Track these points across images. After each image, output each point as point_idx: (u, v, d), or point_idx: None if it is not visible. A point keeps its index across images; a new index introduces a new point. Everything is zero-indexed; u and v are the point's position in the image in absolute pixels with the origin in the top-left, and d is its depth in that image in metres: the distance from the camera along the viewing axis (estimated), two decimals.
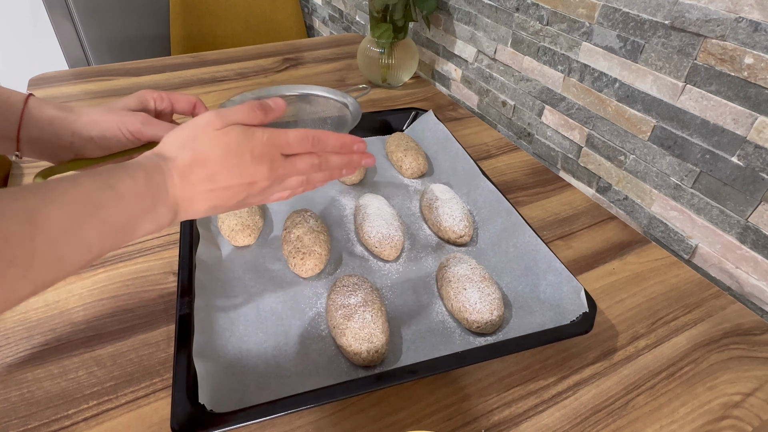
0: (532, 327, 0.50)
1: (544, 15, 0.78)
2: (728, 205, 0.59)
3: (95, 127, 0.43)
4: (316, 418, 0.44)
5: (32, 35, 1.84)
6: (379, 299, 0.50)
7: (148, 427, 0.42)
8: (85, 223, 0.31)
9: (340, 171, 0.43)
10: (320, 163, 0.41)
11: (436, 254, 0.61)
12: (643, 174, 0.69)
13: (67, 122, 0.43)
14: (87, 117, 0.44)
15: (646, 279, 0.60)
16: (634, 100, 0.67)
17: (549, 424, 0.44)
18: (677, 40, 0.60)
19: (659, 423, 0.45)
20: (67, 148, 0.44)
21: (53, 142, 0.43)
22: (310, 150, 0.40)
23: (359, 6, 1.37)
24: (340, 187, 0.72)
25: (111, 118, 0.44)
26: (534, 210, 0.70)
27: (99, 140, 0.44)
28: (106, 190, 0.32)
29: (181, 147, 0.36)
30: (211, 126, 0.37)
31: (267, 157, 0.38)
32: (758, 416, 0.45)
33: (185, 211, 0.37)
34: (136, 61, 1.10)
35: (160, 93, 0.49)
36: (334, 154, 0.42)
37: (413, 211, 0.68)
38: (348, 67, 1.12)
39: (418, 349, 0.49)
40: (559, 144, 0.82)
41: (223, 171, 0.37)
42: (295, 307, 0.53)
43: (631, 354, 0.51)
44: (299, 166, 0.40)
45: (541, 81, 0.82)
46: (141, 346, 0.49)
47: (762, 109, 0.53)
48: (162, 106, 0.49)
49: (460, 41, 0.99)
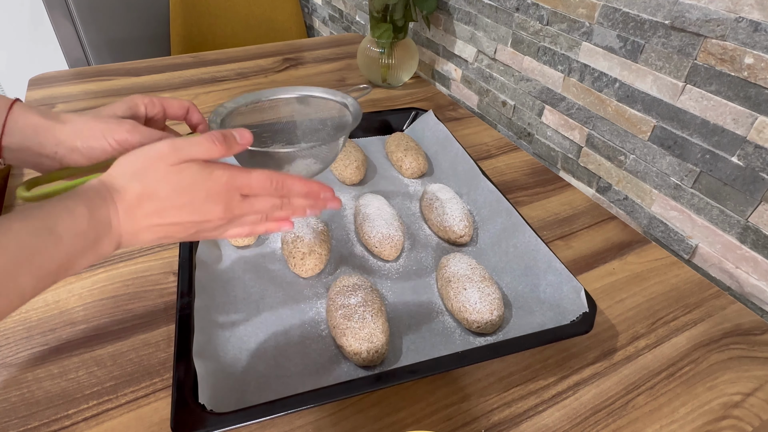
0: (532, 327, 0.50)
1: (544, 15, 0.78)
2: (728, 205, 0.59)
3: (80, 136, 0.41)
4: (316, 418, 0.44)
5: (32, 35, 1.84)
6: (379, 299, 0.50)
7: (148, 427, 0.42)
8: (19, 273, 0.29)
9: (304, 210, 0.41)
10: (281, 204, 0.39)
11: (436, 254, 0.61)
12: (643, 174, 0.69)
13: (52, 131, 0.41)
14: (72, 125, 0.41)
15: (646, 279, 0.60)
16: (634, 100, 0.67)
17: (549, 424, 0.44)
18: (677, 40, 0.60)
19: (659, 423, 0.45)
20: (51, 157, 0.41)
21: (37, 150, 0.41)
22: (272, 194, 0.38)
23: (359, 6, 1.37)
24: (340, 187, 0.72)
25: (96, 126, 0.41)
26: (534, 210, 0.70)
27: (84, 150, 0.41)
28: (43, 233, 0.31)
29: (131, 178, 0.35)
30: (164, 160, 0.35)
31: (223, 197, 0.36)
32: (758, 416, 0.45)
33: (129, 242, 0.36)
34: (136, 61, 1.10)
35: (151, 98, 0.47)
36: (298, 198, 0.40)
37: (413, 211, 0.68)
38: (348, 67, 1.12)
39: (418, 349, 0.49)
40: (559, 144, 0.82)
41: (173, 208, 0.35)
42: (295, 307, 0.53)
43: (631, 354, 0.51)
44: (257, 206, 0.38)
45: (541, 81, 0.82)
46: (141, 346, 0.49)
47: (762, 109, 0.53)
48: (153, 111, 0.47)
49: (460, 41, 0.99)
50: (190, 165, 0.35)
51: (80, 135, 0.41)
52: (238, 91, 0.98)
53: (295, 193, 0.39)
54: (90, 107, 0.90)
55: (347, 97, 0.54)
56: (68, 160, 0.42)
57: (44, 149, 0.41)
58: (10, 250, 0.29)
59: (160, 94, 0.96)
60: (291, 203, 0.40)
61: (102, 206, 0.33)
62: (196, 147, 0.36)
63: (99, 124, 0.42)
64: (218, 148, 0.36)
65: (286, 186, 0.39)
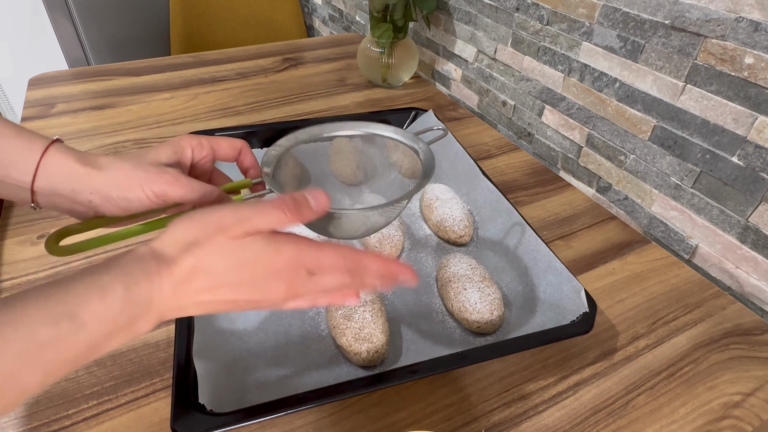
0: (532, 327, 0.50)
1: (544, 15, 0.78)
2: (728, 205, 0.59)
3: (116, 186, 0.37)
4: (316, 418, 0.44)
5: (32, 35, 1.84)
6: (379, 299, 0.50)
7: (148, 427, 0.42)
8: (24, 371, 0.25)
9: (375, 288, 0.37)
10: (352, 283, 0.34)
11: (436, 254, 0.61)
12: (644, 174, 0.69)
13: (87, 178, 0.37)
14: (108, 173, 0.37)
15: (646, 279, 0.60)
16: (635, 100, 0.67)
17: (549, 424, 0.44)
18: (677, 39, 0.60)
19: (659, 423, 0.45)
20: (85, 204, 0.38)
21: (70, 197, 0.37)
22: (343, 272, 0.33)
23: (359, 6, 1.37)
24: (340, 188, 0.72)
25: (135, 175, 0.37)
26: (534, 210, 0.70)
27: (119, 201, 0.37)
28: (63, 321, 0.26)
29: (184, 249, 0.30)
30: (226, 232, 0.30)
31: (287, 274, 0.31)
32: (758, 416, 0.45)
33: (170, 317, 0.31)
34: (136, 61, 1.10)
35: (200, 139, 0.41)
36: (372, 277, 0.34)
37: (413, 211, 0.68)
38: (348, 67, 1.12)
39: (418, 349, 0.49)
40: (559, 144, 0.82)
41: (229, 286, 0.31)
42: None
43: (631, 354, 0.51)
44: (325, 284, 0.33)
45: (541, 81, 0.82)
46: (141, 346, 0.49)
47: (762, 109, 0.53)
48: (202, 154, 0.42)
49: (460, 41, 0.99)
50: (256, 239, 0.31)
51: (116, 184, 0.37)
52: (238, 92, 0.98)
53: (370, 273, 0.34)
54: (90, 107, 0.90)
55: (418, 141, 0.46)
56: (103, 210, 0.38)
57: (78, 197, 0.37)
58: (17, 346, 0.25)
59: (160, 94, 0.96)
60: (362, 282, 0.34)
61: (143, 282, 0.29)
62: (263, 217, 0.31)
63: (138, 173, 0.37)
64: (289, 218, 0.32)
65: (361, 265, 0.33)
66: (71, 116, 0.87)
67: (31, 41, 1.85)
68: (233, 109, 0.92)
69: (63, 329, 0.26)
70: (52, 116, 0.86)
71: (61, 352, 0.26)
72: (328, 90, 1.01)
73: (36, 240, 0.60)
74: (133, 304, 0.28)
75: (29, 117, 0.86)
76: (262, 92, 0.98)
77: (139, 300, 0.28)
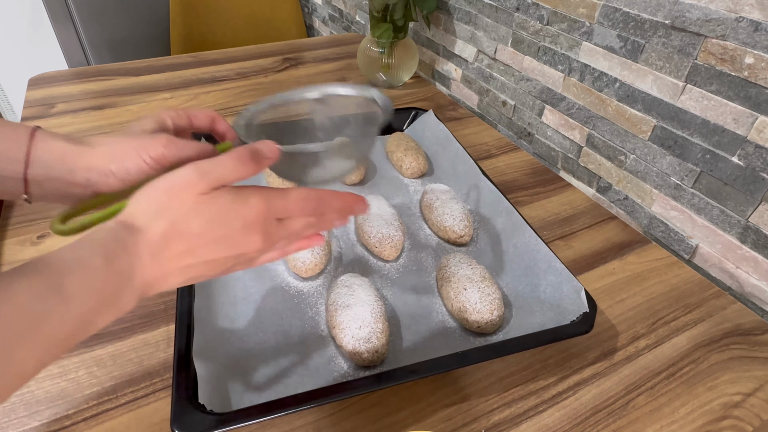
0: (532, 327, 0.50)
1: (544, 15, 0.78)
2: (728, 205, 0.59)
3: (113, 159, 0.37)
4: (316, 418, 0.44)
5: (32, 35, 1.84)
6: (379, 299, 0.50)
7: (148, 427, 0.42)
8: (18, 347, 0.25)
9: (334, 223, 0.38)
10: (316, 222, 0.36)
11: (436, 254, 0.61)
12: (644, 174, 0.69)
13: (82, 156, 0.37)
14: (103, 147, 0.37)
15: (646, 279, 0.60)
16: (635, 99, 0.67)
17: (549, 424, 0.44)
18: (677, 39, 0.60)
19: (659, 423, 0.45)
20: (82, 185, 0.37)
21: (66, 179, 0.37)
22: (309, 214, 0.35)
23: (359, 6, 1.37)
24: (340, 188, 0.72)
25: (129, 144, 0.37)
26: (534, 210, 0.70)
27: (119, 173, 0.37)
28: (50, 296, 0.26)
29: (155, 215, 0.30)
30: (192, 189, 0.30)
31: (261, 225, 0.32)
32: (758, 416, 0.45)
33: (154, 290, 0.31)
34: (136, 61, 1.10)
35: (176, 110, 0.43)
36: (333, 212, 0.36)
37: (413, 211, 0.68)
38: (348, 67, 1.12)
39: (418, 349, 0.49)
40: (559, 144, 0.82)
41: (207, 245, 0.31)
42: (295, 307, 0.53)
43: (631, 354, 0.51)
44: (294, 228, 0.35)
45: (541, 81, 0.82)
46: (141, 346, 0.49)
47: (762, 108, 0.53)
48: (180, 122, 0.43)
49: (460, 41, 0.99)
50: (222, 192, 0.31)
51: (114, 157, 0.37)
52: (238, 92, 0.98)
53: (331, 209, 0.36)
54: (90, 107, 0.90)
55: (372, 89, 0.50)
56: (102, 186, 0.37)
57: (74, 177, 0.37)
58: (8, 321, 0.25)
59: (160, 94, 0.96)
60: (323, 221, 0.36)
61: (122, 254, 0.29)
62: (225, 169, 0.32)
63: (132, 142, 0.37)
64: (249, 167, 0.33)
65: (323, 203, 0.35)
66: (71, 116, 0.87)
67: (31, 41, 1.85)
68: (233, 109, 0.92)
69: (51, 303, 0.26)
70: (52, 116, 0.86)
71: (54, 327, 0.26)
72: None
73: (36, 240, 0.60)
74: (115, 274, 0.28)
75: (29, 117, 0.86)
76: (263, 92, 0.98)
77: (120, 270, 0.29)
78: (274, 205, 0.33)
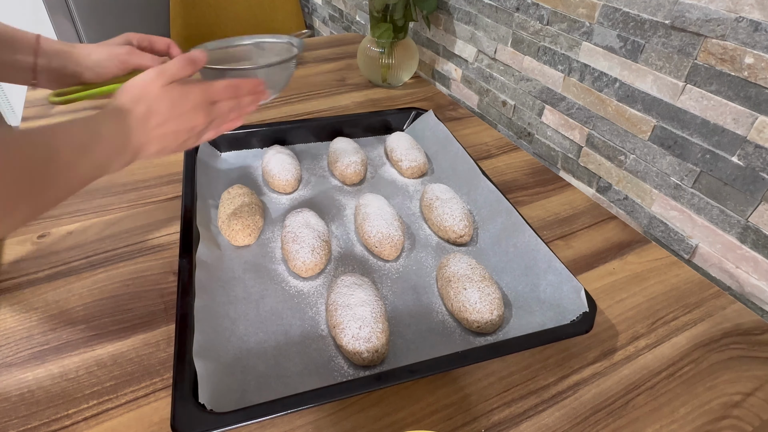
0: (532, 327, 0.50)
1: (544, 15, 0.78)
2: (728, 205, 0.59)
3: (93, 57, 0.57)
4: (316, 418, 0.44)
5: None
6: (379, 299, 0.50)
7: (148, 426, 0.42)
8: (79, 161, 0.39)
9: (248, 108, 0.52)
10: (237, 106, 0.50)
11: (436, 254, 0.61)
12: (643, 174, 0.69)
13: (72, 54, 0.57)
14: (86, 49, 0.57)
15: (646, 279, 0.60)
16: (635, 99, 0.67)
17: (549, 424, 0.44)
18: (677, 39, 0.60)
19: (659, 423, 0.45)
20: (71, 75, 0.57)
21: (60, 70, 0.56)
22: (231, 96, 0.49)
23: (359, 6, 1.37)
24: (340, 187, 0.72)
25: (105, 51, 0.58)
26: (534, 210, 0.70)
27: (95, 68, 0.57)
28: (93, 132, 0.40)
29: (136, 101, 0.44)
30: (155, 82, 0.45)
31: (203, 105, 0.47)
32: (758, 416, 0.45)
33: (141, 153, 0.44)
34: None
35: (140, 35, 0.62)
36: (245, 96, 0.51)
37: (413, 211, 0.68)
38: (348, 67, 1.12)
39: (418, 349, 0.49)
40: (559, 144, 0.82)
41: (172, 119, 0.45)
42: (295, 307, 0.53)
43: (631, 354, 0.51)
44: (223, 109, 0.49)
45: (541, 81, 0.82)
46: (141, 346, 0.49)
47: (762, 108, 0.53)
48: (143, 44, 0.62)
49: (460, 41, 0.99)
50: (175, 85, 0.45)
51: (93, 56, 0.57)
52: None
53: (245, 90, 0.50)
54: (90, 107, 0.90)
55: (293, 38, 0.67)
56: (84, 78, 0.58)
57: (66, 69, 0.57)
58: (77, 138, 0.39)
59: None
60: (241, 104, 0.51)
61: (122, 121, 0.43)
62: (174, 68, 0.46)
63: (106, 48, 0.58)
64: (188, 68, 0.47)
65: (238, 88, 0.50)
66: (71, 116, 0.87)
67: None
68: None
69: (93, 138, 0.40)
70: (53, 116, 0.86)
71: (97, 153, 0.40)
72: (329, 90, 1.01)
73: (36, 240, 0.60)
74: (123, 132, 0.42)
75: (29, 117, 0.86)
76: None
77: (124, 132, 0.42)
78: (208, 90, 0.47)
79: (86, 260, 0.58)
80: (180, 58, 0.48)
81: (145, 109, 0.44)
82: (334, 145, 0.76)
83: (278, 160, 0.70)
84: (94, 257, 0.58)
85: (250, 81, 0.51)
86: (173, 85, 0.45)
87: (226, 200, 0.63)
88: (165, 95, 0.45)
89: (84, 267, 0.57)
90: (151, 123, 0.44)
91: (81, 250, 0.59)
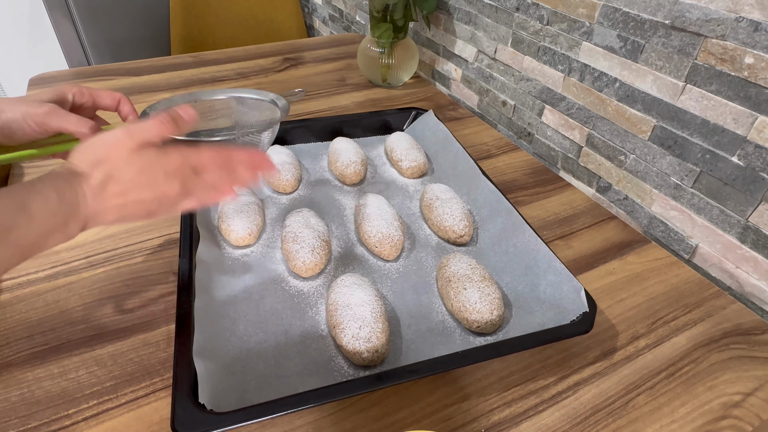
0: (532, 327, 0.50)
1: (544, 15, 0.78)
2: (728, 205, 0.59)
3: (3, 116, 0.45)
4: (316, 418, 0.44)
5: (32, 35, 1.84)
6: (379, 299, 0.50)
7: (148, 426, 0.42)
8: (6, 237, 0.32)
9: (246, 181, 0.43)
10: (228, 177, 0.42)
11: (436, 254, 0.61)
12: (643, 174, 0.69)
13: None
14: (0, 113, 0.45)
15: (646, 279, 0.60)
16: (635, 99, 0.67)
17: (549, 424, 0.44)
18: (677, 39, 0.60)
19: (659, 423, 0.45)
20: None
21: None
22: (220, 167, 0.41)
23: (359, 6, 1.37)
24: (340, 187, 0.72)
25: (16, 108, 0.45)
26: (534, 210, 0.70)
27: (3, 129, 0.45)
28: (19, 212, 0.33)
29: (94, 165, 0.37)
30: (123, 145, 0.38)
31: (179, 174, 0.39)
32: (758, 416, 0.45)
33: (94, 222, 0.38)
34: (136, 61, 1.10)
35: (80, 87, 0.50)
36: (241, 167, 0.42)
37: (413, 211, 0.68)
38: (348, 67, 1.12)
39: (418, 349, 0.49)
40: (559, 144, 0.82)
41: (136, 188, 0.38)
42: (295, 307, 0.53)
43: (631, 354, 0.51)
44: (209, 180, 0.41)
45: (541, 81, 0.82)
46: (141, 345, 0.49)
47: (762, 108, 0.53)
48: (82, 100, 0.50)
49: (460, 41, 0.99)
50: (149, 149, 0.38)
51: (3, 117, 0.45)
52: None
53: (239, 164, 0.42)
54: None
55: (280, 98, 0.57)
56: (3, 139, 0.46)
57: None
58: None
59: (160, 94, 0.96)
60: (236, 174, 0.42)
61: (69, 190, 0.36)
62: (148, 130, 0.39)
63: (19, 107, 0.45)
64: (168, 128, 0.40)
65: (231, 159, 0.42)
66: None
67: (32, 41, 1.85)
68: None
69: (21, 218, 0.33)
70: None
71: (21, 237, 0.33)
72: (329, 90, 1.01)
73: None
74: (66, 205, 0.35)
75: None
76: None
77: (70, 202, 0.36)
78: (189, 158, 0.39)
79: (86, 260, 0.58)
80: (159, 117, 0.40)
81: (103, 175, 0.37)
82: (334, 145, 0.76)
83: (278, 160, 0.70)
84: (94, 257, 0.58)
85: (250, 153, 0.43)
86: (146, 150, 0.38)
87: None
88: (133, 161, 0.37)
89: (84, 267, 0.57)
90: (109, 191, 0.37)
91: (81, 250, 0.59)
